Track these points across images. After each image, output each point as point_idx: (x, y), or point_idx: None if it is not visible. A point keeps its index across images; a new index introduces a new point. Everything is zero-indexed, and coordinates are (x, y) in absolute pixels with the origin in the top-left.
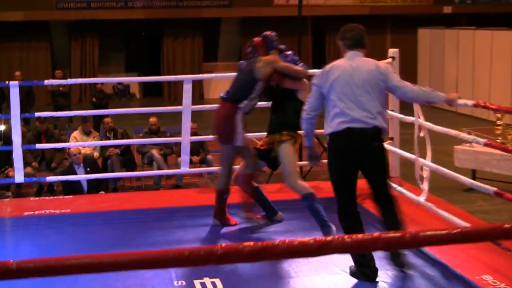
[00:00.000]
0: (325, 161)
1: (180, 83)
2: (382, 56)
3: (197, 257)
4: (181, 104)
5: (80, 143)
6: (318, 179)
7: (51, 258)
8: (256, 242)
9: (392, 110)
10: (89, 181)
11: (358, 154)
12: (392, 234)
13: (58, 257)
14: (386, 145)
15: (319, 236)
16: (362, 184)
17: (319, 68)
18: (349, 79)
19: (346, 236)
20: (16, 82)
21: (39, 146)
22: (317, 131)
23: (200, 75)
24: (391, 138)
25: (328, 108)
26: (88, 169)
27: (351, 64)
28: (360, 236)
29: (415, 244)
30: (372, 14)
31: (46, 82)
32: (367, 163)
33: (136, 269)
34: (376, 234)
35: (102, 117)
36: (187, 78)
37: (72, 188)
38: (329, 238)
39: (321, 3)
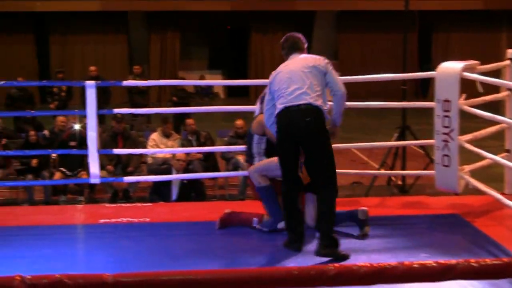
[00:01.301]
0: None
1: None
2: (495, 56)
3: (307, 277)
4: None
5: (159, 150)
6: (424, 193)
7: (149, 273)
8: (372, 263)
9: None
10: (182, 188)
11: (293, 132)
12: None
13: (156, 272)
14: (502, 158)
15: (425, 257)
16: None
17: (424, 69)
18: (284, 75)
19: (473, 261)
20: (93, 83)
21: (116, 151)
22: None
23: None
24: (508, 151)
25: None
26: (185, 181)
27: (286, 63)
28: (488, 260)
29: None
30: (486, 9)
31: (125, 83)
32: (303, 141)
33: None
34: (506, 259)
35: (183, 118)
36: None
37: (161, 194)
38: (453, 262)
39: None
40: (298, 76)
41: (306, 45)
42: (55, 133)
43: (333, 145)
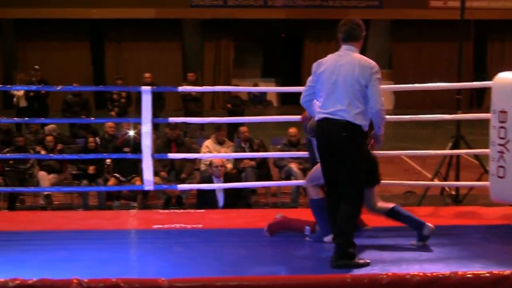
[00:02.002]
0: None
1: None
2: None
3: (360, 285)
4: None
5: (212, 155)
6: (477, 204)
7: (204, 279)
8: (425, 272)
9: None
10: (226, 196)
11: (328, 143)
12: None
13: (211, 278)
14: None
15: (478, 268)
16: None
17: (479, 79)
18: (331, 75)
19: None
20: (149, 88)
21: (170, 155)
22: None
23: None
24: None
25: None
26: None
27: (338, 60)
28: None
29: None
30: None
31: (180, 88)
32: (336, 153)
33: None
34: None
35: (236, 126)
36: None
37: (207, 202)
38: (507, 272)
39: (485, 5)
40: (342, 88)
41: (364, 34)
42: (106, 139)
43: (387, 152)
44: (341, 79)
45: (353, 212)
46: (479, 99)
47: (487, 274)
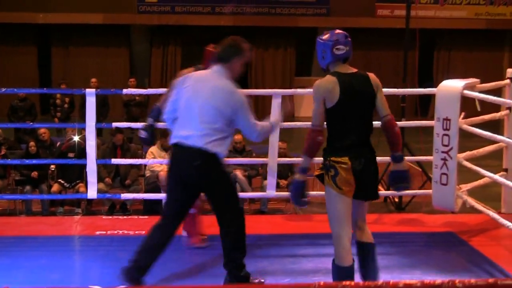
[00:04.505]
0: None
1: (268, 98)
2: (498, 75)
3: None
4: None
5: (158, 160)
6: (420, 211)
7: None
8: (357, 282)
9: (508, 138)
10: None
11: (179, 171)
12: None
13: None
14: (499, 177)
15: (420, 274)
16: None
17: (425, 87)
18: (192, 95)
19: (457, 281)
20: (93, 90)
21: (114, 161)
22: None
23: (292, 90)
24: (505, 170)
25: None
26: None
27: (203, 80)
28: (473, 281)
29: None
30: (488, 28)
31: (125, 91)
32: (191, 183)
33: None
34: (491, 280)
35: None
36: (276, 93)
37: (153, 210)
38: (438, 281)
39: (431, 15)
40: (200, 112)
41: (240, 56)
42: (45, 145)
43: None
44: (200, 102)
45: (239, 237)
46: (424, 108)
47: (418, 284)
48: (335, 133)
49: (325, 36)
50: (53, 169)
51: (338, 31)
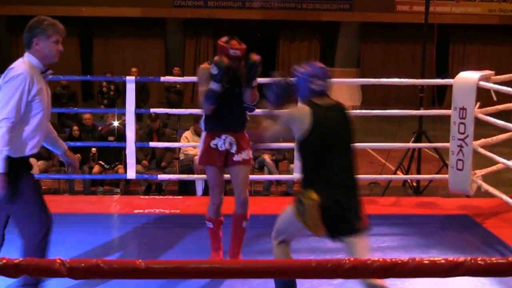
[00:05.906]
0: None
1: None
2: (510, 68)
3: (324, 269)
4: None
5: (191, 143)
6: (436, 195)
7: (179, 261)
8: (385, 258)
9: None
10: (206, 185)
11: None
12: None
13: (185, 260)
14: None
15: (436, 254)
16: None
17: (442, 78)
18: None
19: (480, 259)
20: (133, 77)
21: (152, 144)
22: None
23: None
24: None
25: None
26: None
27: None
28: (494, 259)
29: None
30: (501, 24)
31: (163, 78)
32: None
33: (261, 277)
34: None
35: None
36: None
37: (187, 190)
38: (461, 259)
39: (447, 10)
40: None
41: (36, 36)
42: (87, 129)
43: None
44: None
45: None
46: (440, 98)
47: (442, 261)
48: (305, 165)
49: (303, 70)
50: (94, 151)
51: (318, 64)
